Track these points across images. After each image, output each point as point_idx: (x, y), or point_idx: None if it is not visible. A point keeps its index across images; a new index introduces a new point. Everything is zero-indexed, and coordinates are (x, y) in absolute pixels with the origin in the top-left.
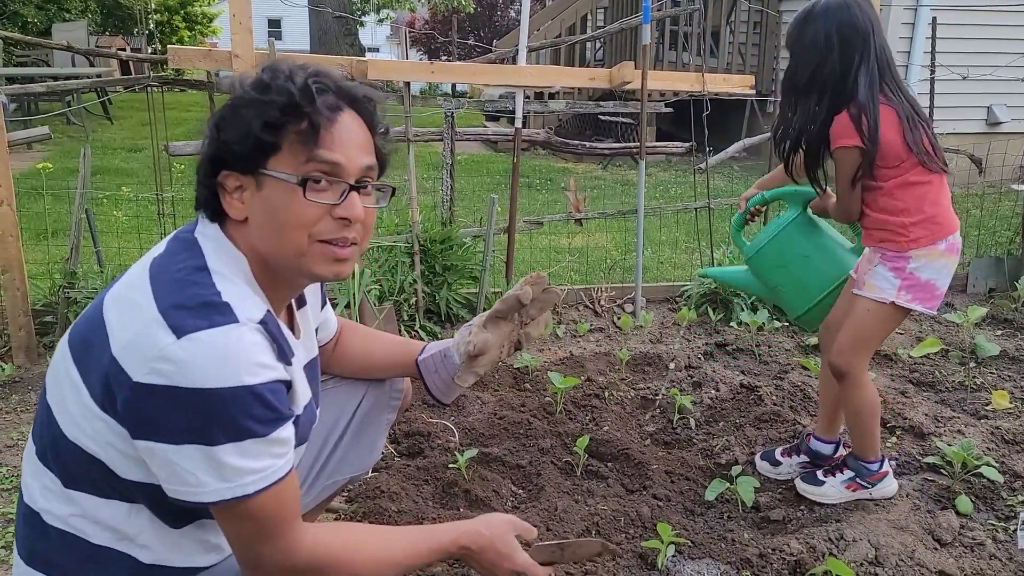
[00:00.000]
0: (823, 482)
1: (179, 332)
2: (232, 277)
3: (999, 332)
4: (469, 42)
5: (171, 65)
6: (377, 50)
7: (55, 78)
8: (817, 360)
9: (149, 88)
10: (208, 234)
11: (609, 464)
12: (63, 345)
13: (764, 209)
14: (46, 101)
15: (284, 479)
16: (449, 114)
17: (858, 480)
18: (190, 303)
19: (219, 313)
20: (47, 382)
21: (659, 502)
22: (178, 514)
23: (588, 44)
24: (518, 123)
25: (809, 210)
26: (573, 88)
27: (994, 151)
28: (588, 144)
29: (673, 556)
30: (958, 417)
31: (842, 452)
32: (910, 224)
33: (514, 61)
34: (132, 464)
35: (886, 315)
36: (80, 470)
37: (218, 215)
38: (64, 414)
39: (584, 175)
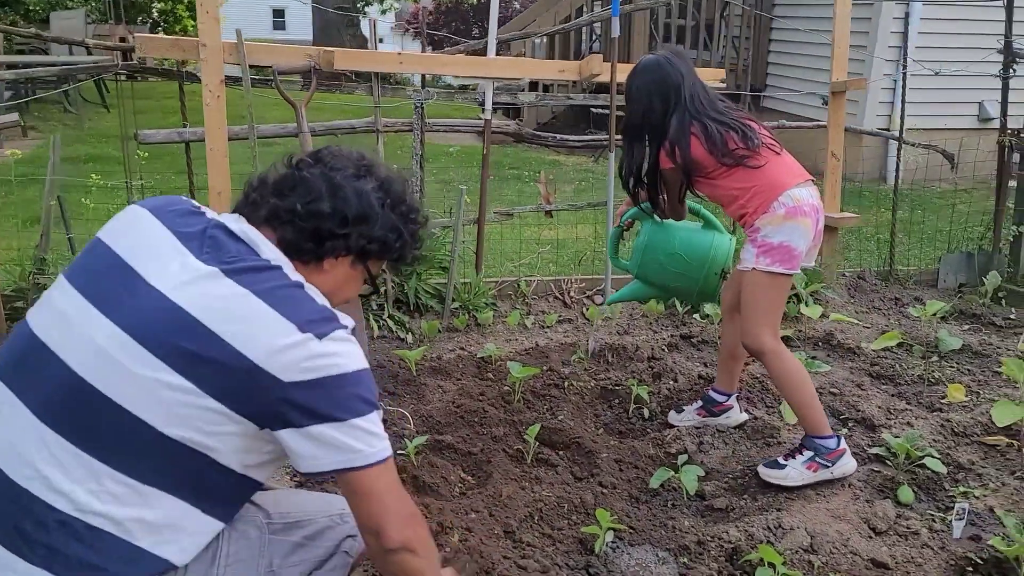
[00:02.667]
0: (784, 465)
1: (320, 336)
2: (318, 292)
3: (966, 327)
4: (474, 34)
5: (139, 54)
6: (382, 40)
7: (35, 66)
8: None
9: (117, 76)
10: (282, 259)
11: (560, 452)
12: (138, 351)
13: (632, 223)
14: (43, 88)
15: None
16: (418, 105)
17: (817, 459)
18: (315, 315)
19: (336, 319)
20: (99, 388)
21: (604, 490)
22: (238, 502)
23: (584, 36)
24: (487, 114)
25: (656, 217)
26: (568, 82)
27: (983, 147)
28: (559, 136)
29: (613, 542)
30: (910, 409)
31: (731, 402)
32: (744, 202)
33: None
34: (244, 455)
35: (759, 283)
36: (174, 467)
37: (304, 255)
38: (166, 416)
39: (574, 168)
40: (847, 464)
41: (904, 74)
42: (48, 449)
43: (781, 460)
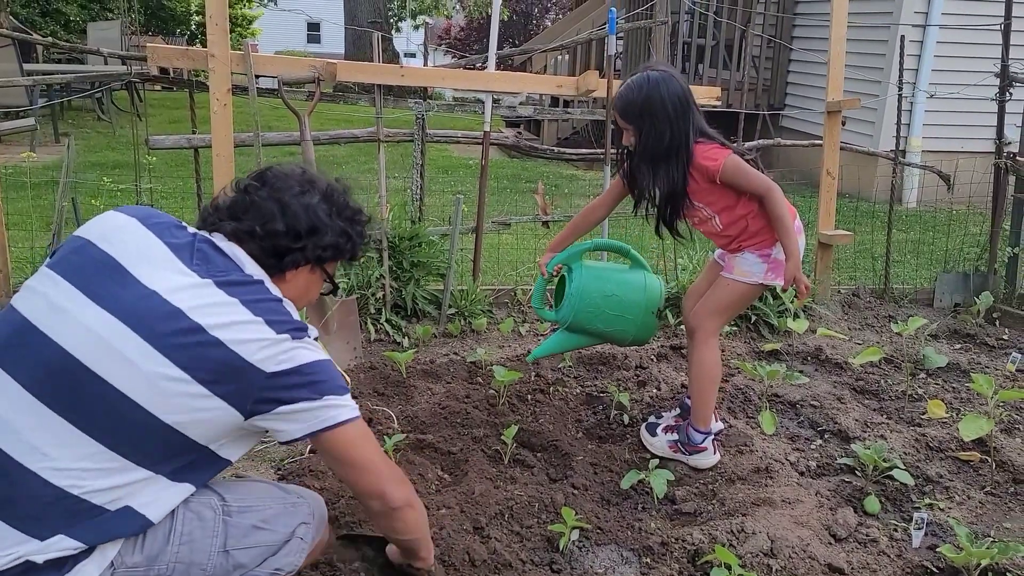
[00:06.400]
0: (657, 435)
1: (295, 338)
2: (292, 306)
3: (957, 346)
4: (505, 50)
5: (150, 63)
6: (413, 55)
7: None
8: (757, 364)
9: (142, 86)
10: (263, 274)
11: (538, 454)
12: (139, 344)
13: (560, 269)
14: (79, 98)
15: None
16: (420, 116)
17: (680, 444)
18: (292, 325)
19: (307, 330)
20: (99, 373)
21: (576, 491)
22: (210, 472)
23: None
24: (486, 126)
25: (583, 258)
26: (588, 97)
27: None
28: (556, 148)
29: (579, 541)
30: (886, 423)
31: (707, 443)
32: (751, 221)
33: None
34: (223, 436)
35: (749, 292)
36: (163, 446)
37: (269, 270)
38: (163, 404)
39: (591, 182)
40: (703, 460)
41: (903, 97)
42: (44, 427)
43: (659, 430)
